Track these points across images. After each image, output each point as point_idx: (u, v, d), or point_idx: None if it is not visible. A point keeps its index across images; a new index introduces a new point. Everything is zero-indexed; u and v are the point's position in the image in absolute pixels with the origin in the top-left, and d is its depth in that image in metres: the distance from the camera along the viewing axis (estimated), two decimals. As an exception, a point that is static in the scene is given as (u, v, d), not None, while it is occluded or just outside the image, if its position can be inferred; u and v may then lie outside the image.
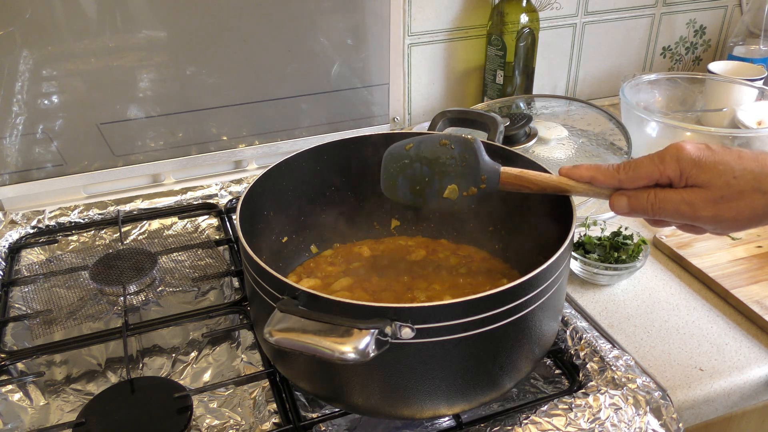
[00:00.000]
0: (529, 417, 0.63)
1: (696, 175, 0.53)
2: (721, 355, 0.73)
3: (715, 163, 0.52)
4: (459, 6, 1.17)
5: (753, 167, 0.51)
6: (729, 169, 0.51)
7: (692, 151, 0.53)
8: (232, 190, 1.05)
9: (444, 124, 0.87)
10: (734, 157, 0.52)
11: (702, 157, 0.52)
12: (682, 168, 0.53)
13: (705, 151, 0.53)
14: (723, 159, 0.52)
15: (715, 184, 0.52)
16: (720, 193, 0.52)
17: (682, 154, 0.53)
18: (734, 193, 0.52)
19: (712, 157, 0.52)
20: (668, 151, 0.54)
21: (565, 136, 1.02)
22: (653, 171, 0.54)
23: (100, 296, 0.82)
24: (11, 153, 0.98)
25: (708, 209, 0.53)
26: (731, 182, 0.51)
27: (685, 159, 0.53)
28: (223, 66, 1.02)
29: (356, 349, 0.49)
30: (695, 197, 0.53)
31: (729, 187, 0.52)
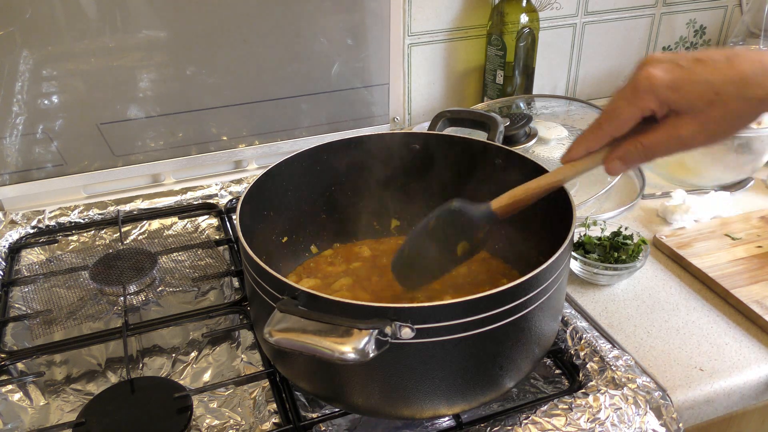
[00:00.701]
0: (529, 417, 0.63)
1: (676, 100, 0.50)
2: (721, 355, 0.73)
3: (692, 83, 0.49)
4: (459, 6, 1.17)
5: (732, 75, 0.48)
6: (708, 86, 0.49)
7: (664, 76, 0.49)
8: (232, 190, 1.05)
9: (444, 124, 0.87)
10: (709, 70, 0.49)
11: (677, 80, 0.49)
12: (659, 97, 0.50)
13: (677, 71, 0.49)
14: (699, 76, 0.49)
15: (698, 106, 0.50)
16: (705, 114, 0.50)
17: (654, 84, 0.50)
18: (719, 109, 0.49)
19: (687, 77, 0.49)
20: (639, 84, 0.51)
21: (565, 136, 1.02)
22: (634, 112, 0.52)
23: (100, 296, 0.82)
24: (11, 153, 0.98)
25: (697, 135, 0.51)
26: (714, 99, 0.49)
27: (659, 88, 0.50)
28: (223, 66, 1.02)
29: (356, 349, 0.49)
30: (681, 129, 0.51)
31: (713, 105, 0.49)
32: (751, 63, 0.48)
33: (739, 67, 0.48)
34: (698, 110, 0.50)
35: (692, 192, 0.98)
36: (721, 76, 0.48)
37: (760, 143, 0.99)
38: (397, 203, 0.86)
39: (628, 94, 0.52)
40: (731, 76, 0.48)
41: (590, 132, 0.56)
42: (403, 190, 0.85)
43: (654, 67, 0.50)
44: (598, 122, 0.55)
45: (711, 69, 0.49)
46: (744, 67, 0.48)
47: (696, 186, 1.04)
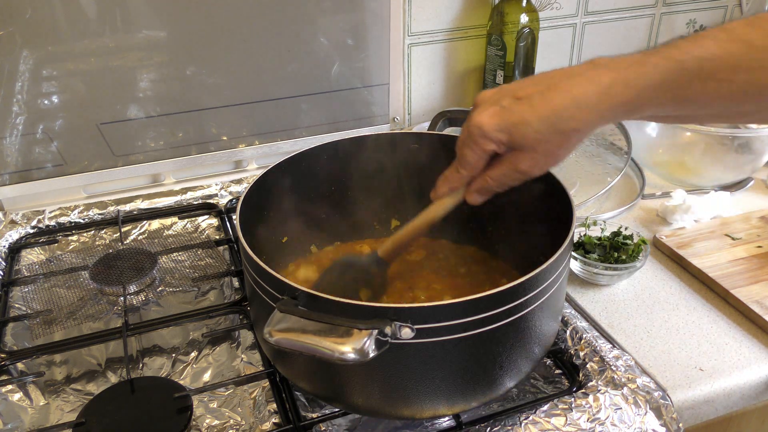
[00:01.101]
0: (529, 417, 0.63)
1: (507, 141, 0.55)
2: (721, 355, 0.73)
3: (515, 126, 0.53)
4: (459, 6, 1.17)
5: (545, 113, 0.52)
6: (529, 127, 0.53)
7: (491, 122, 0.54)
8: (232, 190, 1.05)
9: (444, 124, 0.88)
10: (527, 109, 0.53)
11: (502, 124, 0.54)
12: (494, 140, 0.55)
13: (501, 114, 0.54)
14: (520, 117, 0.53)
15: (526, 144, 0.54)
16: (534, 151, 0.55)
17: (485, 131, 0.54)
18: (543, 145, 0.54)
19: (510, 119, 0.53)
20: (473, 132, 0.56)
21: (565, 136, 1.02)
22: (479, 155, 0.57)
23: (100, 296, 0.82)
24: (11, 153, 0.98)
25: (533, 167, 0.56)
26: (536, 137, 0.53)
27: (490, 133, 0.54)
28: (223, 66, 1.02)
29: (356, 349, 0.49)
30: (519, 164, 0.56)
31: (537, 143, 0.54)
32: (563, 97, 0.52)
33: (551, 103, 0.52)
34: (527, 148, 0.55)
35: (692, 192, 0.98)
36: (536, 115, 0.53)
37: (760, 143, 0.99)
38: (397, 203, 0.86)
39: (469, 142, 0.57)
40: (545, 114, 0.52)
41: (450, 174, 0.61)
42: (403, 190, 0.85)
43: (482, 114, 0.55)
44: (455, 166, 0.60)
45: (528, 108, 0.53)
46: (556, 103, 0.52)
47: (696, 186, 1.04)
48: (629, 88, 0.51)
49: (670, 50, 0.51)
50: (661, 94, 0.51)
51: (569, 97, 0.52)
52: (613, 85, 0.51)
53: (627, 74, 0.51)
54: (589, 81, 0.52)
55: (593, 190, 0.91)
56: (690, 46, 0.50)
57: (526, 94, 0.54)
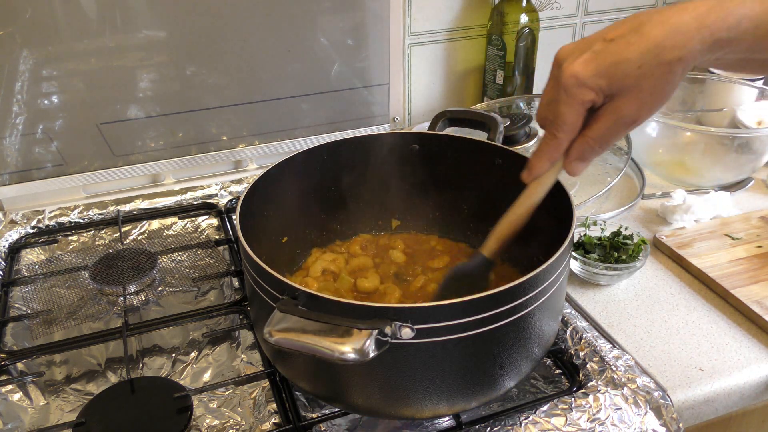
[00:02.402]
0: (529, 417, 0.63)
1: (607, 86, 0.51)
2: (721, 355, 0.73)
3: (614, 66, 0.50)
4: (459, 6, 1.17)
5: (645, 46, 0.49)
6: (630, 64, 0.50)
7: (587, 68, 0.50)
8: (232, 190, 1.05)
9: (444, 124, 0.87)
10: (623, 48, 0.50)
11: (600, 67, 0.50)
12: (593, 89, 0.51)
13: (596, 59, 0.50)
14: (618, 56, 0.50)
15: (628, 85, 0.51)
16: (638, 90, 0.51)
17: (582, 79, 0.50)
18: (647, 80, 0.50)
19: (607, 61, 0.50)
20: (568, 85, 0.51)
21: (565, 136, 1.02)
22: (578, 111, 0.53)
23: (100, 296, 0.82)
24: (11, 153, 0.98)
25: (638, 110, 0.52)
26: (639, 74, 0.50)
27: (588, 80, 0.51)
28: (223, 66, 1.02)
29: (356, 349, 0.49)
30: (622, 110, 0.52)
31: (641, 79, 0.50)
32: (660, 27, 0.49)
33: (649, 35, 0.49)
34: (630, 88, 0.50)
35: (692, 192, 0.98)
36: (636, 50, 0.49)
37: (760, 143, 0.99)
38: (397, 203, 0.86)
39: (564, 97, 0.52)
40: (645, 46, 0.49)
41: (547, 144, 0.56)
42: (403, 190, 0.85)
43: (573, 63, 0.51)
44: (551, 133, 0.55)
45: (624, 46, 0.49)
46: (654, 34, 0.49)
47: (696, 186, 1.04)
48: (729, 15, 0.48)
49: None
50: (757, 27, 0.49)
51: (668, 26, 0.49)
52: (710, 12, 0.49)
53: (723, 2, 0.49)
54: (683, 10, 0.49)
55: (593, 190, 0.91)
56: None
57: (618, 35, 0.50)
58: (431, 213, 0.87)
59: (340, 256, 0.82)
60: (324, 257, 0.81)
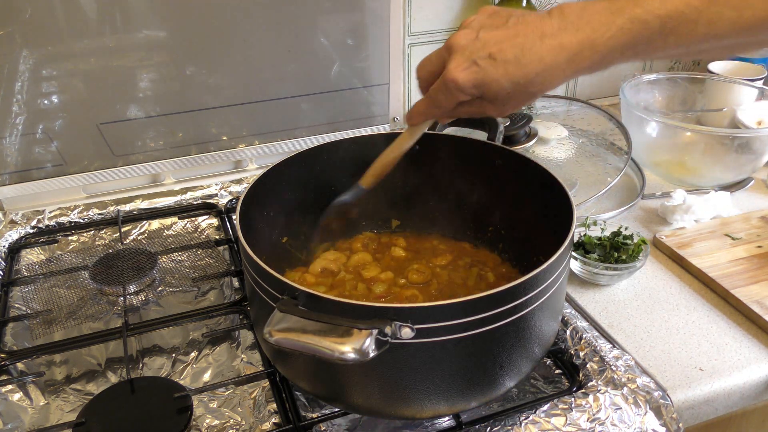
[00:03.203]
0: (529, 417, 0.63)
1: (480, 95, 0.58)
2: (721, 355, 0.73)
3: (489, 85, 0.56)
4: (459, 6, 1.17)
5: (519, 77, 0.55)
6: (500, 87, 0.56)
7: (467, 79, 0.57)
8: (232, 190, 1.05)
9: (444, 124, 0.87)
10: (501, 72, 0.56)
11: (477, 81, 0.57)
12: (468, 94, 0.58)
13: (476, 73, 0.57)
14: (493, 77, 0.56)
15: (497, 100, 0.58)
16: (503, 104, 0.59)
17: (460, 86, 0.57)
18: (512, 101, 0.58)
19: (484, 79, 0.57)
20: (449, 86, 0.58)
21: (565, 136, 1.02)
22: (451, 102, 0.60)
23: (100, 296, 0.82)
24: (11, 153, 0.98)
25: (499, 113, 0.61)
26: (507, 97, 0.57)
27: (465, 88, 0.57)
28: (223, 66, 1.02)
29: (356, 349, 0.49)
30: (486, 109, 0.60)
31: (508, 100, 0.58)
32: (535, 65, 0.55)
33: (524, 70, 0.55)
34: (497, 101, 0.59)
35: (692, 192, 0.98)
36: (509, 79, 0.56)
37: (760, 143, 0.99)
38: (397, 203, 0.86)
39: (443, 90, 0.59)
40: (518, 79, 0.56)
41: (424, 106, 0.64)
42: (403, 190, 0.85)
43: (457, 70, 0.57)
44: (429, 101, 0.63)
45: (503, 71, 0.56)
46: (528, 70, 0.55)
47: (696, 186, 1.04)
48: (596, 53, 0.54)
49: (636, 9, 0.53)
50: (623, 53, 0.55)
51: (542, 65, 0.55)
52: (580, 51, 0.54)
53: (594, 39, 0.54)
54: (560, 48, 0.54)
55: (593, 190, 0.91)
56: (654, 4, 0.52)
57: (500, 53, 0.56)
58: (431, 213, 0.87)
59: (342, 255, 0.82)
60: (325, 256, 0.81)
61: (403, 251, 0.83)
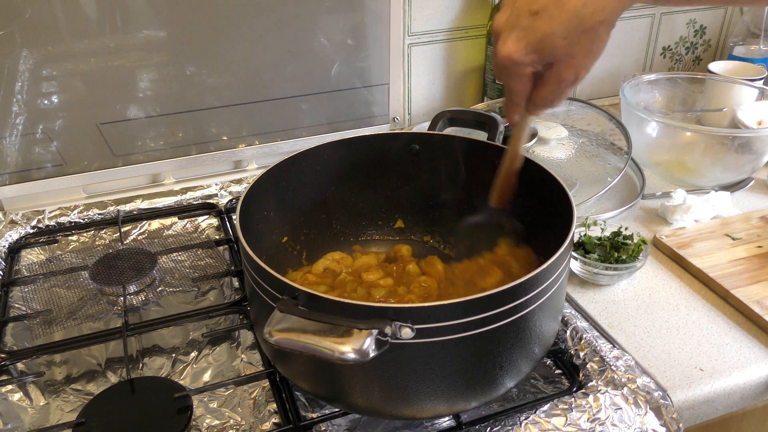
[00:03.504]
0: (529, 417, 0.63)
1: (541, 58, 0.55)
2: (721, 355, 0.73)
3: (542, 41, 0.53)
4: (459, 6, 1.17)
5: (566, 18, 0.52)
6: (555, 37, 0.53)
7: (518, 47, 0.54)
8: (232, 190, 1.05)
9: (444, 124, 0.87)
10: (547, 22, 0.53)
11: (529, 45, 0.54)
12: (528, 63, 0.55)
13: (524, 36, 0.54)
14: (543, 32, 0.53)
15: (560, 54, 0.54)
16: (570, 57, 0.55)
17: (515, 59, 0.55)
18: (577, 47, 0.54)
19: (535, 38, 0.54)
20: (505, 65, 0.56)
21: (565, 136, 1.02)
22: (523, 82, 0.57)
23: (100, 296, 0.82)
24: (11, 153, 0.98)
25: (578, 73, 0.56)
26: (567, 44, 0.54)
27: (522, 58, 0.55)
28: (223, 66, 1.02)
29: (356, 349, 0.49)
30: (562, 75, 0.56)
31: (570, 48, 0.54)
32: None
33: (569, 5, 0.52)
34: (563, 57, 0.54)
35: (692, 192, 0.98)
36: (559, 23, 0.52)
37: (760, 143, 0.99)
38: (397, 203, 0.86)
39: (506, 74, 0.57)
40: (567, 17, 0.52)
41: (510, 102, 0.61)
42: (402, 190, 0.85)
43: (506, 43, 0.55)
44: (508, 97, 0.61)
45: (548, 20, 0.53)
46: (572, 4, 0.52)
47: (696, 186, 1.04)
48: None
49: None
50: None
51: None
52: None
53: None
54: None
55: (593, 190, 0.91)
56: None
57: (540, 6, 0.53)
58: (431, 213, 0.87)
59: (348, 256, 0.82)
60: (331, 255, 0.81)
61: (408, 253, 0.83)
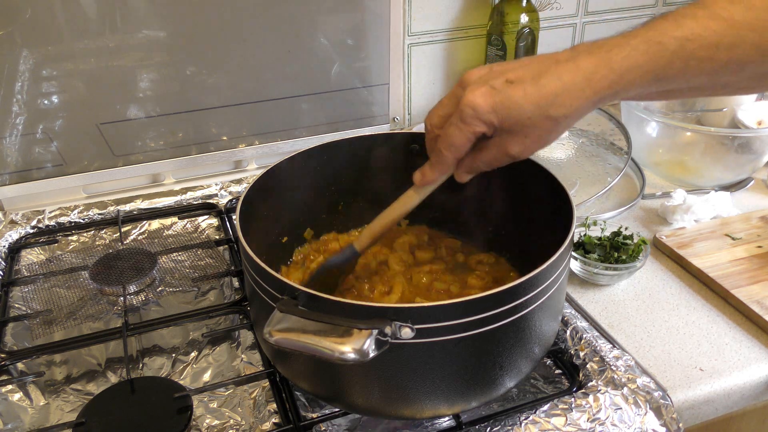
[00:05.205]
0: (529, 417, 0.63)
1: (498, 123, 0.55)
2: (721, 355, 0.73)
3: (508, 109, 0.54)
4: (459, 6, 1.17)
5: (538, 98, 0.53)
6: (521, 111, 0.54)
7: (485, 103, 0.54)
8: (232, 190, 1.05)
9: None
10: (520, 94, 0.54)
11: (496, 106, 0.54)
12: (485, 122, 0.55)
13: (494, 96, 0.54)
14: (513, 101, 0.54)
15: (516, 129, 0.55)
16: (524, 135, 0.55)
17: (478, 112, 0.55)
18: (534, 130, 0.55)
19: (503, 103, 0.54)
20: (465, 113, 0.55)
21: (565, 136, 1.02)
22: (467, 137, 0.57)
23: (100, 296, 0.82)
24: (11, 153, 0.98)
25: (523, 151, 0.57)
26: (528, 123, 0.54)
27: (483, 114, 0.55)
28: (223, 66, 1.02)
29: (356, 349, 0.49)
30: (509, 148, 0.57)
31: (528, 128, 0.55)
32: (554, 84, 0.53)
33: (543, 90, 0.53)
34: (518, 132, 0.55)
35: (692, 192, 0.98)
36: (529, 101, 0.53)
37: (760, 143, 0.99)
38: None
39: (458, 123, 0.56)
40: (537, 99, 0.53)
41: (438, 159, 0.61)
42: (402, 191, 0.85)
43: (474, 94, 0.55)
44: (439, 150, 0.60)
45: (521, 93, 0.54)
46: (548, 90, 0.53)
47: (696, 186, 1.04)
48: (612, 72, 0.52)
49: (649, 32, 0.52)
50: (643, 75, 0.53)
51: (560, 84, 0.53)
52: (596, 70, 0.53)
53: (609, 58, 0.52)
54: (576, 68, 0.53)
55: (593, 190, 0.91)
56: (670, 27, 0.51)
57: (517, 78, 0.54)
58: (431, 213, 0.87)
59: None
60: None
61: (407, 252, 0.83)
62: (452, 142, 0.58)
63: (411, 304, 0.52)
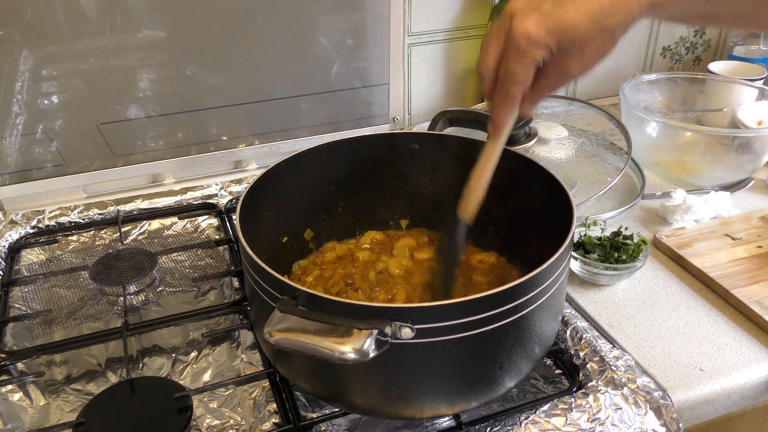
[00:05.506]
0: (529, 417, 0.63)
1: (555, 45, 0.54)
2: (721, 355, 0.73)
3: (562, 29, 0.53)
4: (459, 6, 1.17)
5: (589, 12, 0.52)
6: (575, 27, 0.53)
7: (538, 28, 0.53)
8: (232, 190, 1.05)
9: (444, 124, 0.88)
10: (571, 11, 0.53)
11: (549, 28, 0.53)
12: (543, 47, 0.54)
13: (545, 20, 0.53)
14: (565, 20, 0.52)
15: (574, 47, 0.54)
16: (581, 51, 0.54)
17: (533, 39, 0.53)
18: (591, 45, 0.54)
19: (556, 24, 0.53)
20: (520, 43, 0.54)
21: (565, 136, 1.02)
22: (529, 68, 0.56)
23: (100, 296, 0.82)
24: (11, 153, 0.98)
25: (582, 68, 0.56)
26: (584, 38, 0.53)
27: (539, 40, 0.53)
28: (223, 66, 1.02)
29: (356, 349, 0.49)
30: (568, 67, 0.56)
31: (585, 42, 0.54)
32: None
33: (594, 2, 0.52)
34: (575, 50, 0.54)
35: (692, 192, 0.98)
36: (582, 16, 0.52)
37: (760, 143, 0.99)
38: (397, 203, 0.86)
39: (516, 55, 0.55)
40: (591, 12, 0.52)
41: (503, 98, 0.59)
42: (402, 191, 0.85)
43: (525, 22, 0.53)
44: (504, 89, 0.58)
45: (573, 10, 0.53)
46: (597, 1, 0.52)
47: (696, 186, 1.04)
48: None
49: None
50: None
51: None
52: None
53: None
54: None
55: (593, 190, 0.91)
56: None
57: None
58: (431, 213, 0.87)
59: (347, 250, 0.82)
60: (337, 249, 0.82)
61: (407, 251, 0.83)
62: (515, 77, 0.56)
63: (411, 304, 0.52)
